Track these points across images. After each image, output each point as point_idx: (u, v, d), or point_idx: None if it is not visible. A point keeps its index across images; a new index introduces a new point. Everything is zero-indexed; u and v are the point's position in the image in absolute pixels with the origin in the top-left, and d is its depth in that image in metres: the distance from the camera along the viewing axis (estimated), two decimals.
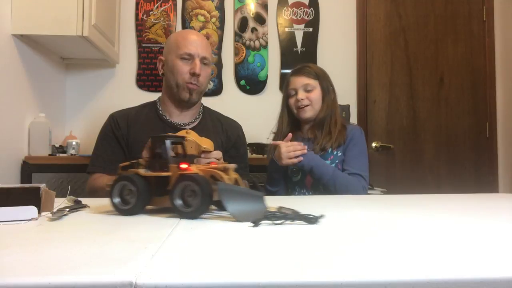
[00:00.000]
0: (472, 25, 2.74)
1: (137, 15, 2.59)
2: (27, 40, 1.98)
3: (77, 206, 0.87)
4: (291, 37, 2.66)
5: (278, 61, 2.66)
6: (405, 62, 2.72)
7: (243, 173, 1.48)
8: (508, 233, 0.67)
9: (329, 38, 2.68)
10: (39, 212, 0.76)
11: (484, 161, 2.70)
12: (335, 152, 1.49)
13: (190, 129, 1.42)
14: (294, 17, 2.66)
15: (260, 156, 2.15)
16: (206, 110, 1.54)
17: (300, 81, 1.51)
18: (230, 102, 2.54)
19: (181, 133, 1.12)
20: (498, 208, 1.00)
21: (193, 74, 1.37)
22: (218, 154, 1.16)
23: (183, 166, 0.79)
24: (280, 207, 0.78)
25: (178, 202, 0.76)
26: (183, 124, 1.44)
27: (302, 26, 2.66)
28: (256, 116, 2.44)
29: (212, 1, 2.62)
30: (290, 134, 1.44)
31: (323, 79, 1.54)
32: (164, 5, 2.60)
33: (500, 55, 2.72)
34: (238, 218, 0.73)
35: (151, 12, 2.59)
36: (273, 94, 2.62)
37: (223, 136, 1.49)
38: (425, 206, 1.02)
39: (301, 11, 2.66)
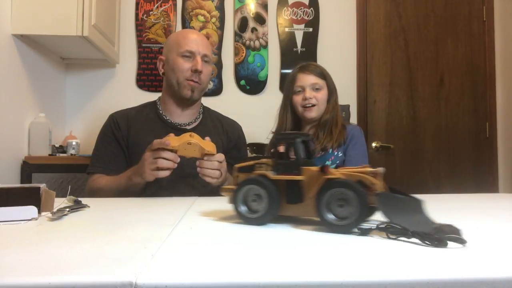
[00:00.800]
0: (472, 25, 2.74)
1: (137, 15, 2.59)
2: (27, 40, 1.98)
3: (77, 206, 0.87)
4: (291, 37, 2.66)
5: (278, 61, 2.66)
6: (405, 62, 2.72)
7: None
8: (508, 233, 0.67)
9: (329, 38, 2.68)
10: (39, 212, 0.76)
11: (484, 161, 2.70)
12: (335, 153, 1.49)
13: (191, 129, 1.42)
14: (294, 17, 2.66)
15: (260, 156, 2.15)
16: (206, 110, 1.54)
17: (309, 79, 1.50)
18: (230, 102, 2.54)
19: (185, 136, 1.12)
20: (498, 208, 1.00)
21: (195, 71, 1.36)
22: (220, 157, 1.15)
23: (329, 170, 0.66)
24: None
25: (327, 212, 0.64)
26: (184, 124, 1.43)
27: (302, 26, 2.66)
28: (256, 116, 2.44)
29: (212, 1, 2.62)
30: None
31: (329, 79, 1.54)
32: (164, 5, 2.60)
33: (500, 55, 2.71)
34: (411, 235, 0.60)
35: (151, 12, 2.59)
36: (273, 94, 2.62)
37: (223, 137, 1.48)
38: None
39: (301, 11, 2.66)
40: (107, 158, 1.38)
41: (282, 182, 0.69)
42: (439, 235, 0.54)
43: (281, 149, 0.75)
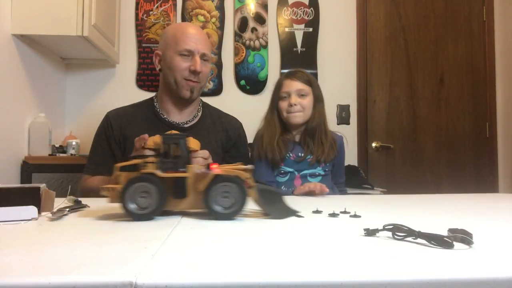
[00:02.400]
0: (472, 25, 2.74)
1: (137, 15, 2.59)
2: (27, 40, 1.98)
3: (77, 206, 0.87)
4: (291, 37, 2.66)
5: (278, 61, 2.66)
6: (405, 62, 2.72)
7: None
8: (508, 233, 0.67)
9: (329, 38, 2.68)
10: (39, 212, 0.76)
11: (484, 161, 2.70)
12: (327, 164, 1.51)
13: (189, 127, 1.40)
14: (294, 17, 2.66)
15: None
16: (206, 107, 1.50)
17: (294, 86, 1.51)
18: (230, 102, 2.54)
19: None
20: (498, 208, 1.00)
21: (194, 72, 1.33)
22: (204, 153, 1.13)
23: (213, 166, 0.76)
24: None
25: (215, 203, 0.74)
26: (182, 123, 1.40)
27: (302, 26, 2.66)
28: (256, 116, 2.41)
29: (212, 1, 2.62)
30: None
31: (315, 86, 1.55)
32: (164, 5, 2.60)
33: (500, 55, 2.72)
34: (274, 216, 0.77)
35: (151, 12, 2.59)
36: None
37: (223, 135, 1.45)
38: (425, 206, 1.02)
39: (301, 11, 2.66)
40: (98, 159, 1.37)
41: (169, 179, 0.76)
42: (447, 237, 0.55)
43: (167, 148, 0.80)
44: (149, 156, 0.79)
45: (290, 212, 0.82)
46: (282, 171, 1.50)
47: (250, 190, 0.77)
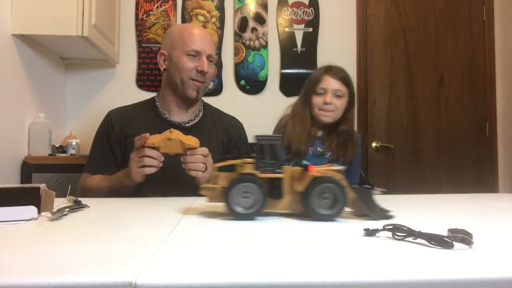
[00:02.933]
0: (472, 25, 2.74)
1: (137, 15, 2.59)
2: (27, 40, 1.98)
3: (77, 206, 0.87)
4: (291, 37, 2.66)
5: (278, 61, 2.65)
6: (405, 62, 2.72)
7: None
8: (508, 233, 0.67)
9: (329, 38, 2.68)
10: (39, 212, 0.76)
11: (484, 161, 2.70)
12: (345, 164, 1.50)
13: (190, 127, 1.41)
14: (294, 17, 2.66)
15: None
16: (207, 107, 1.50)
17: (333, 84, 1.48)
18: (230, 102, 2.54)
19: (165, 133, 1.12)
20: (498, 208, 1.00)
21: (201, 72, 1.34)
22: (204, 150, 1.14)
23: (312, 168, 0.77)
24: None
25: (317, 204, 0.75)
26: (183, 122, 1.41)
27: (302, 26, 2.66)
28: (256, 116, 2.43)
29: (212, 1, 2.62)
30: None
31: (352, 88, 1.52)
32: (164, 5, 2.60)
33: (500, 55, 2.71)
34: (374, 217, 0.76)
35: (151, 12, 2.59)
36: (273, 94, 2.62)
37: (224, 135, 1.45)
38: (425, 206, 1.02)
39: (301, 11, 2.66)
40: (98, 158, 1.37)
41: (266, 180, 0.77)
42: (447, 237, 0.55)
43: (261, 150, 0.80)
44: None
45: (385, 213, 0.80)
46: (299, 164, 1.49)
47: (348, 190, 0.76)
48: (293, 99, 2.71)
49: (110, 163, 1.35)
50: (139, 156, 1.11)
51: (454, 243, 0.53)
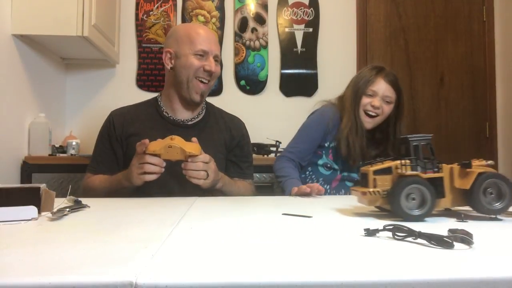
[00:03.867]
0: (472, 25, 2.74)
1: (137, 15, 2.59)
2: (27, 40, 1.98)
3: (77, 206, 0.87)
4: (291, 37, 2.66)
5: (278, 61, 2.65)
6: (405, 62, 2.72)
7: (248, 173, 1.47)
8: (508, 233, 0.67)
9: (329, 38, 2.68)
10: (39, 212, 0.76)
11: None
12: None
13: (192, 125, 1.41)
14: (294, 17, 2.66)
15: (261, 156, 2.14)
16: (210, 106, 1.51)
17: (385, 89, 1.44)
18: (230, 102, 2.53)
19: (166, 139, 1.11)
20: None
21: (208, 72, 1.34)
22: (205, 157, 1.13)
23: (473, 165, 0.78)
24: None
25: (484, 200, 0.76)
26: (186, 120, 1.41)
27: (302, 26, 2.66)
28: (256, 116, 2.44)
29: (212, 1, 2.62)
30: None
31: (401, 94, 1.48)
32: (164, 5, 2.60)
33: (500, 55, 2.71)
34: None
35: (151, 12, 2.59)
36: (273, 94, 2.62)
37: (226, 135, 1.45)
38: None
39: (301, 11, 2.66)
40: (100, 158, 1.38)
41: (427, 179, 0.78)
42: (447, 237, 0.55)
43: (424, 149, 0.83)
44: None
45: None
46: (328, 164, 1.47)
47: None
48: (293, 99, 2.72)
49: (111, 163, 1.36)
50: (140, 163, 1.11)
51: (454, 243, 0.53)
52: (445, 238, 0.54)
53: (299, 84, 2.64)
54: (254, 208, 1.02)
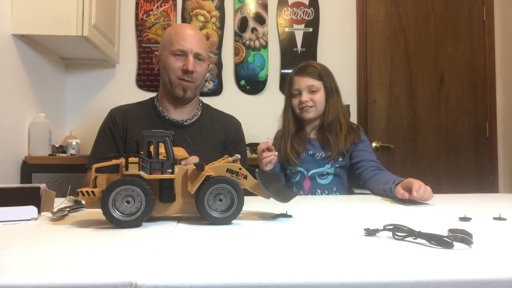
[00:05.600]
0: (472, 25, 2.74)
1: (137, 15, 2.59)
2: (27, 40, 1.98)
3: (77, 206, 0.87)
4: (291, 37, 2.66)
5: (278, 61, 2.65)
6: (405, 62, 2.72)
7: None
8: (508, 233, 0.67)
9: (329, 38, 2.68)
10: (39, 212, 0.76)
11: (484, 161, 2.70)
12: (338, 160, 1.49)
13: (188, 125, 1.42)
14: (294, 17, 2.66)
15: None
16: (206, 107, 1.53)
17: (304, 82, 1.49)
18: (230, 102, 2.54)
19: None
20: (498, 208, 1.00)
21: (186, 71, 1.35)
22: (195, 159, 1.13)
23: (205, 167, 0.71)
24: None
25: (211, 207, 0.70)
26: (182, 120, 1.42)
27: (302, 26, 2.66)
28: (256, 116, 2.44)
29: (212, 1, 2.62)
30: (269, 142, 1.36)
31: (327, 79, 1.52)
32: (164, 5, 2.60)
33: (500, 55, 2.71)
34: (277, 199, 0.76)
35: (151, 12, 2.59)
36: (273, 94, 2.62)
37: (221, 134, 1.47)
38: (425, 206, 1.02)
39: (301, 11, 2.66)
40: (102, 154, 1.38)
41: (155, 181, 0.70)
42: (447, 237, 0.55)
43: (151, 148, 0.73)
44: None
45: (291, 195, 0.83)
46: (293, 170, 1.50)
47: (245, 180, 0.74)
48: None
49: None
50: None
51: (454, 243, 0.53)
52: (445, 238, 0.54)
53: None
54: (254, 208, 1.02)
